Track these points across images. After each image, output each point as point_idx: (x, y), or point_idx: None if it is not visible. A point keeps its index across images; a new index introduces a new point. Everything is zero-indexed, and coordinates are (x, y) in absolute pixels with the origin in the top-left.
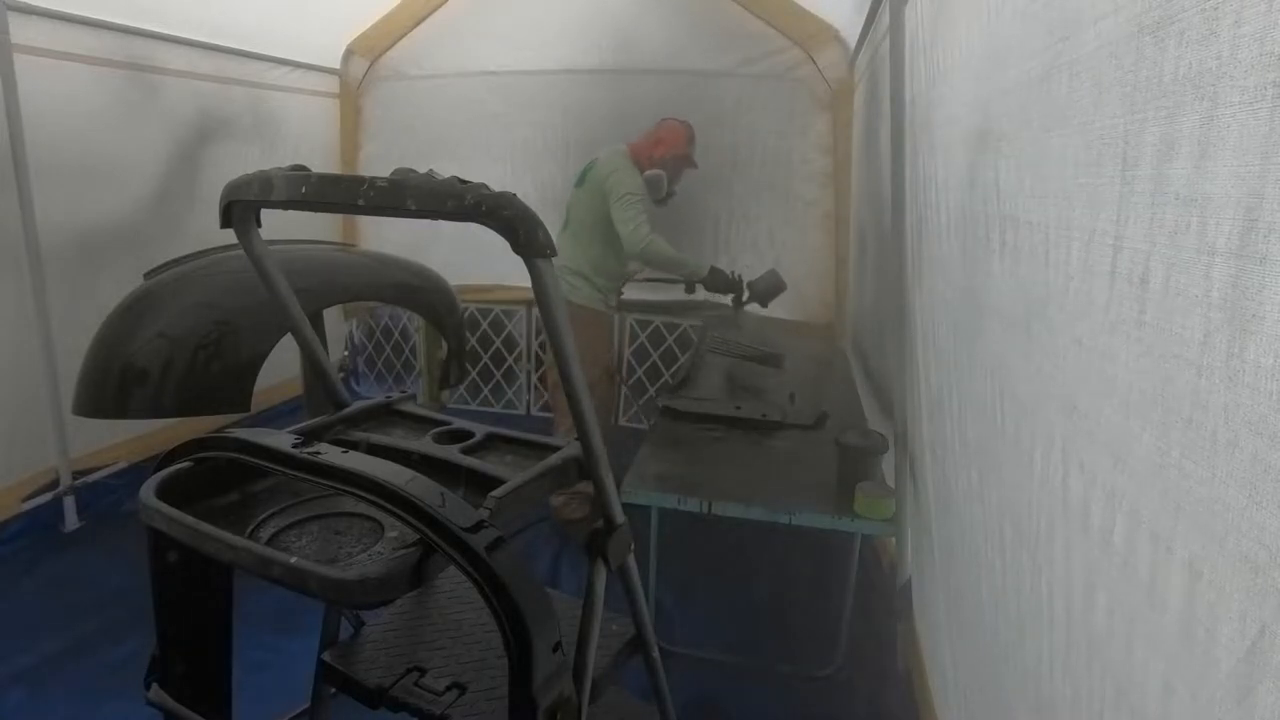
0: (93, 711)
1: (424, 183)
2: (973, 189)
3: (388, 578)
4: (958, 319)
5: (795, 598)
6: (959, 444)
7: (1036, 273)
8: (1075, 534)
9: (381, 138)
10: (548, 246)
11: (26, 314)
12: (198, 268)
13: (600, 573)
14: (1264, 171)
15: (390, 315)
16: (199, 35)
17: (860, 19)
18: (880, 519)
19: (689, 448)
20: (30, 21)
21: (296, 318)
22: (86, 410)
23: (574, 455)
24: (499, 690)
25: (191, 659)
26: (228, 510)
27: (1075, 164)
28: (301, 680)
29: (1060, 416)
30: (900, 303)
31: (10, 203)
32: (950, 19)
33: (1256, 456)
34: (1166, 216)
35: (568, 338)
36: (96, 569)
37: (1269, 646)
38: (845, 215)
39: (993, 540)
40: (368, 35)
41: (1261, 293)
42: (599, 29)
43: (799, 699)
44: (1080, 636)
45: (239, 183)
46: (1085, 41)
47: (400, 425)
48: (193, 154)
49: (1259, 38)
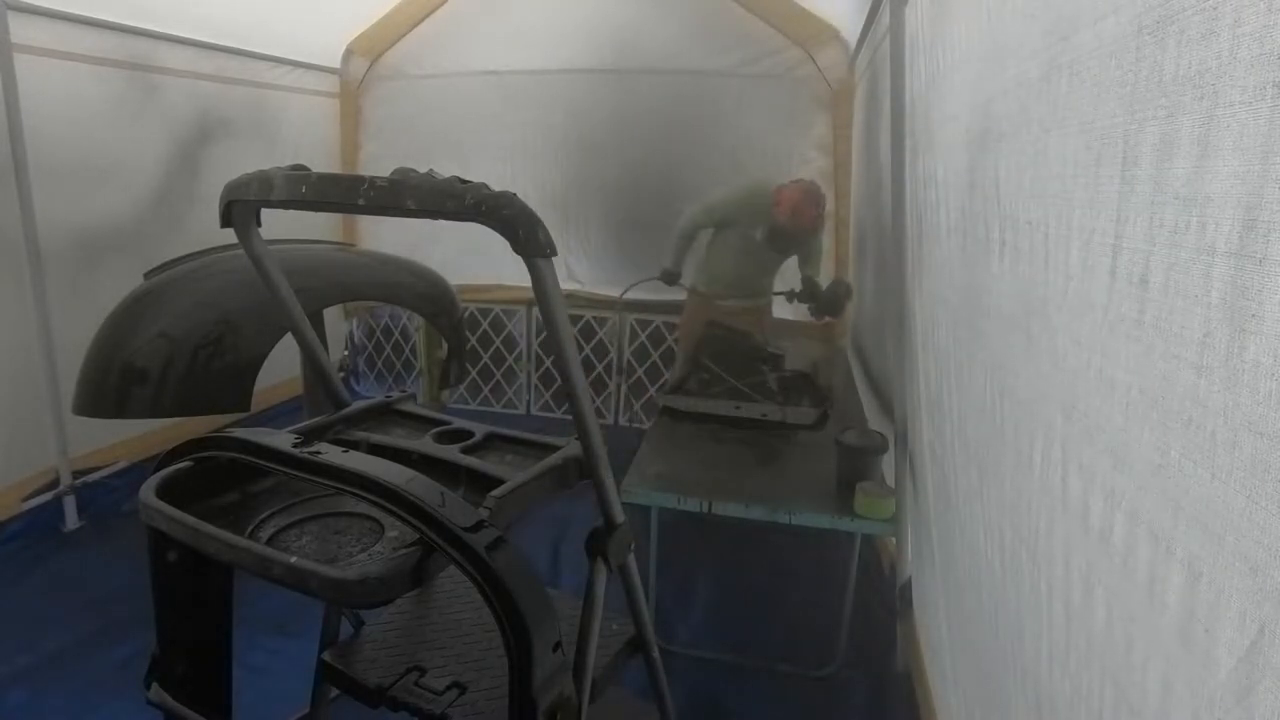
0: (93, 711)
1: (424, 182)
2: (973, 189)
3: (388, 577)
4: (958, 319)
5: (795, 598)
6: (959, 444)
7: (1036, 273)
8: (1075, 533)
9: (381, 138)
10: (547, 246)
11: (26, 314)
12: (198, 267)
13: (600, 573)
14: (1264, 171)
15: (390, 315)
16: (199, 35)
17: (860, 19)
18: (880, 519)
19: (689, 448)
20: (30, 21)
21: (296, 318)
22: (86, 410)
23: (574, 455)
24: (499, 690)
25: (191, 659)
26: (228, 510)
27: (1075, 164)
28: (302, 682)
29: (1060, 416)
30: (900, 303)
31: (10, 203)
32: (950, 19)
33: (1256, 456)
34: (1166, 216)
35: (568, 337)
36: (96, 569)
37: (1269, 646)
38: (845, 215)
39: (992, 540)
40: (368, 35)
41: (1261, 293)
42: (599, 29)
43: (799, 699)
44: (1080, 636)
45: (239, 182)
46: (1085, 41)
47: (400, 425)
48: (193, 154)
49: (1259, 37)
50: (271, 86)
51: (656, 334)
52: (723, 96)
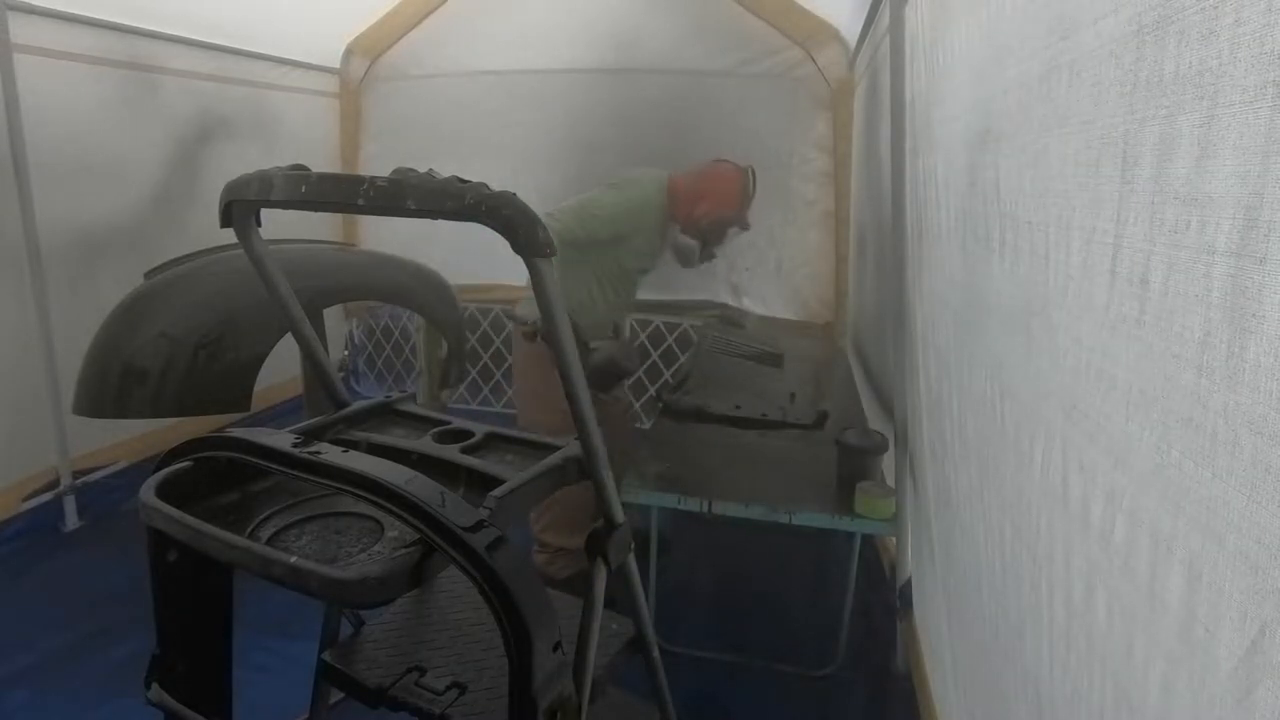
0: (93, 711)
1: (424, 182)
2: (973, 189)
3: (388, 577)
4: (958, 319)
5: (795, 597)
6: (959, 443)
7: (1036, 272)
8: (1075, 533)
9: (381, 138)
10: (547, 245)
11: (26, 314)
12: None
13: (600, 572)
14: (1264, 171)
15: (390, 315)
16: (199, 35)
17: (860, 19)
18: (880, 519)
19: (689, 447)
20: (30, 21)
21: (296, 318)
22: (86, 410)
23: (574, 455)
24: (499, 690)
25: (191, 659)
26: (228, 510)
27: (1075, 164)
28: (302, 682)
29: (1060, 416)
30: (900, 303)
31: (10, 203)
32: (950, 18)
33: (1256, 456)
34: (1166, 216)
35: (568, 337)
36: (96, 569)
37: (1269, 646)
38: (845, 215)
39: (993, 540)
40: (368, 35)
41: (1261, 293)
42: (599, 29)
43: (799, 699)
44: (1080, 636)
45: (239, 182)
46: (1085, 41)
47: (400, 425)
48: (193, 153)
49: (1259, 37)
50: (271, 86)
51: (656, 334)
52: (723, 96)
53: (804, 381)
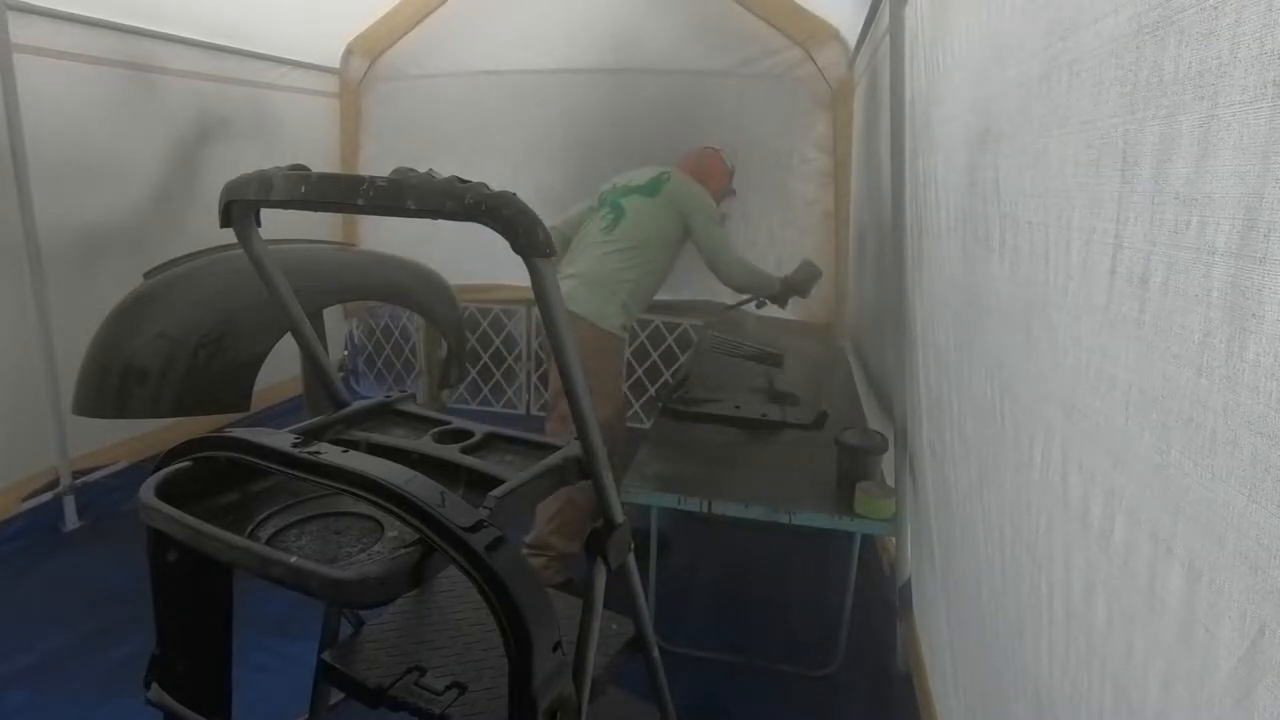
0: (93, 711)
1: (424, 182)
2: (973, 189)
3: (388, 577)
4: (958, 319)
5: (795, 598)
6: (958, 443)
7: (1036, 273)
8: (1075, 533)
9: (381, 138)
10: (547, 245)
11: (26, 314)
12: (198, 267)
13: (600, 572)
14: (1264, 171)
15: (390, 315)
16: (199, 35)
17: (860, 19)
18: (880, 519)
19: (689, 447)
20: (30, 21)
21: (296, 318)
22: (86, 410)
23: (574, 455)
24: (499, 690)
25: (191, 659)
26: (228, 510)
27: (1075, 164)
28: (302, 682)
29: (1060, 416)
30: (900, 303)
31: (10, 203)
32: (950, 18)
33: (1256, 456)
34: (1166, 216)
35: (568, 337)
36: (96, 569)
37: (1269, 646)
38: (845, 215)
39: (992, 539)
40: (368, 35)
41: (1261, 292)
42: (599, 29)
43: (799, 699)
44: (1080, 636)
45: (239, 182)
46: (1085, 41)
47: (400, 425)
48: (193, 154)
49: (1259, 37)
50: (271, 86)
51: (656, 334)
52: (723, 96)
53: (804, 381)
